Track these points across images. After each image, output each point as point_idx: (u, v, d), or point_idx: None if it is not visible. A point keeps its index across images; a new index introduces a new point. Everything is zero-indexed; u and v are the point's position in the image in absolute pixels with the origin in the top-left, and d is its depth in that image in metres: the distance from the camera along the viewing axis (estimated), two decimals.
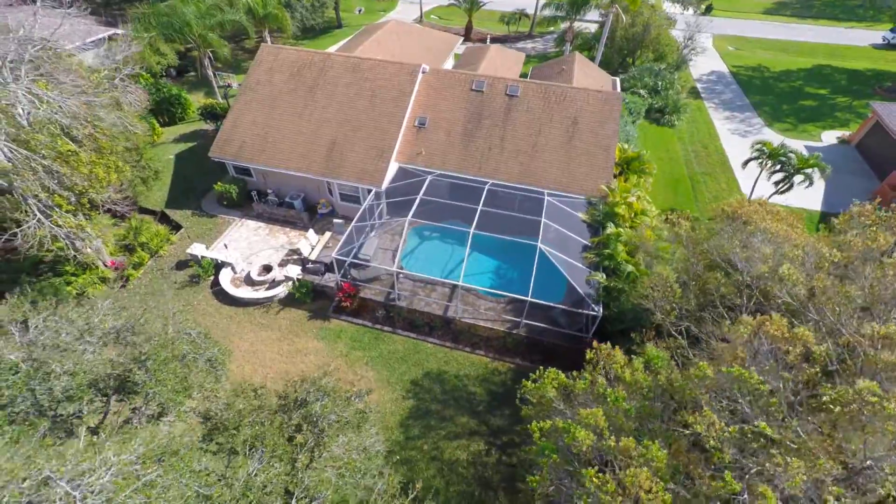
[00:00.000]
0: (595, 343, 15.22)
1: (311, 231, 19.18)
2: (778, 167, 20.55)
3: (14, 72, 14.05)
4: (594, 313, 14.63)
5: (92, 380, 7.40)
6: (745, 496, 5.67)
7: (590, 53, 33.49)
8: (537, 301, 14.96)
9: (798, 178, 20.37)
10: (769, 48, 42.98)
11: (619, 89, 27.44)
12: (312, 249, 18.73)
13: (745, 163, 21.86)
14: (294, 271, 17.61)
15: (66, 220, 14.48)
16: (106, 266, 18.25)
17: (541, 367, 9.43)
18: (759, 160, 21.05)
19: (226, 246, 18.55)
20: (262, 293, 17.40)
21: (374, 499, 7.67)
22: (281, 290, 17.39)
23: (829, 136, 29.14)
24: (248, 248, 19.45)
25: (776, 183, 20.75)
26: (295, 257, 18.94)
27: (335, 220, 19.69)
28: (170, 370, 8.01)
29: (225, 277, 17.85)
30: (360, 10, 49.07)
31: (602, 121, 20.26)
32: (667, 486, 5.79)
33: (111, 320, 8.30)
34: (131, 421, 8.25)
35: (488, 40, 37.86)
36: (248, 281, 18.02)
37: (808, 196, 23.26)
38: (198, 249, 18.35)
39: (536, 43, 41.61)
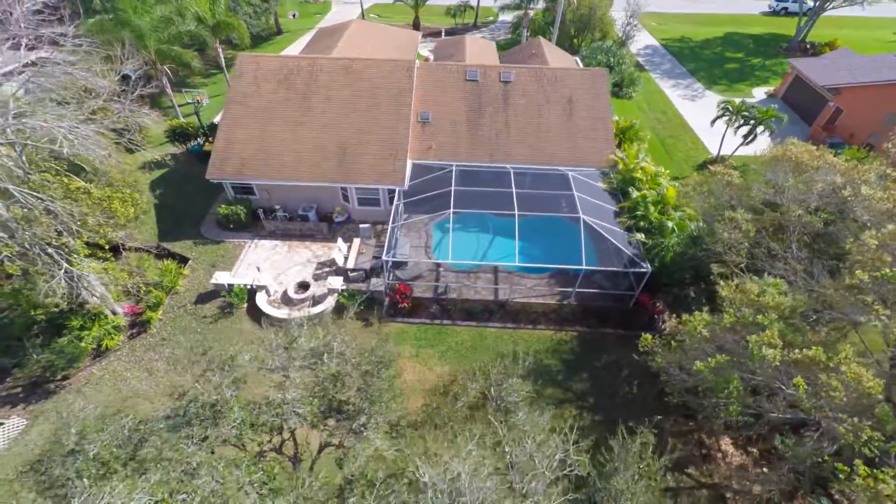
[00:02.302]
0: (653, 304, 16.24)
1: (339, 240, 18.57)
2: (743, 121, 23.35)
3: None
4: (644, 270, 15.85)
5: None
6: None
7: (546, 37, 35.08)
8: (592, 268, 15.88)
9: (760, 129, 23.32)
10: (685, 21, 47.76)
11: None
12: (346, 258, 18.16)
13: (714, 121, 24.48)
14: (337, 282, 17.00)
15: (91, 267, 12.85)
16: (115, 313, 16.40)
17: (673, 315, 10.24)
18: (726, 117, 23.74)
19: (258, 269, 17.39)
20: (305, 310, 16.60)
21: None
22: (330, 303, 16.73)
23: (759, 93, 33.30)
24: (272, 267, 18.37)
25: (744, 136, 23.54)
26: (327, 269, 18.25)
27: (361, 226, 19.19)
28: (387, 381, 7.66)
29: (262, 301, 16.79)
30: (293, 15, 46.99)
31: (595, 96, 21.64)
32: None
33: (311, 342, 7.69)
34: (329, 443, 7.70)
35: (443, 33, 38.24)
36: (286, 301, 17.11)
37: (759, 145, 26.45)
38: (223, 278, 17.03)
39: (483, 33, 42.67)
